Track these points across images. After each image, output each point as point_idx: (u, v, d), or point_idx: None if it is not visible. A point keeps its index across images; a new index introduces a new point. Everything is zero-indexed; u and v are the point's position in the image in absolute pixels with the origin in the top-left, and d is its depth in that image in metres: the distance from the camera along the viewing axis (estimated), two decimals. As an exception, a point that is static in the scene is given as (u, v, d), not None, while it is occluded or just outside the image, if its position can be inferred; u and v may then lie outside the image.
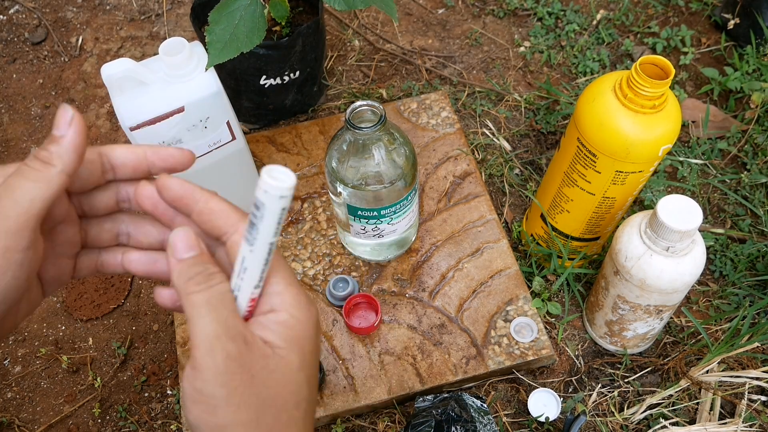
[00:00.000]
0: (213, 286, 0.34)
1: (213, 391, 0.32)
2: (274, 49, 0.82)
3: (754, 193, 0.87)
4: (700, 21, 1.08)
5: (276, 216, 0.33)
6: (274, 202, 0.33)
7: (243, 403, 0.32)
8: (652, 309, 0.66)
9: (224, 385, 0.32)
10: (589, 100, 0.63)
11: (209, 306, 0.33)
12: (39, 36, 1.12)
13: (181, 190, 0.38)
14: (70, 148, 0.36)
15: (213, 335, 0.32)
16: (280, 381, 0.33)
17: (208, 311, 0.33)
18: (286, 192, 0.33)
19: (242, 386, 0.32)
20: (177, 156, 0.41)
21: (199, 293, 0.33)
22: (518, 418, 0.73)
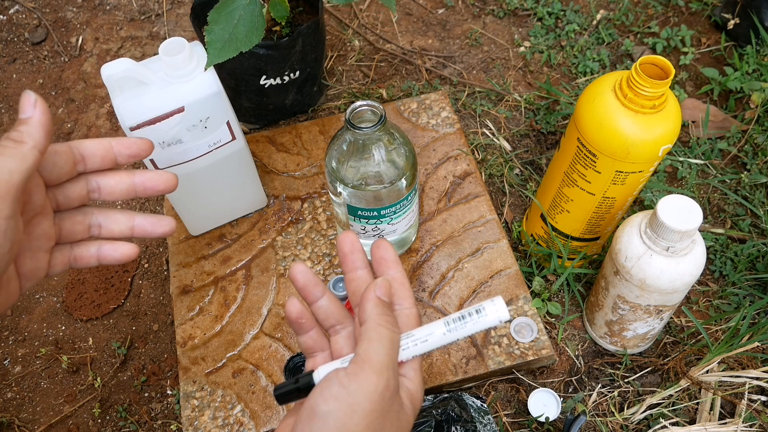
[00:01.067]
0: (395, 333, 0.40)
1: (362, 401, 0.37)
2: (274, 49, 0.82)
3: (754, 193, 0.87)
4: (700, 21, 1.08)
5: (484, 326, 0.41)
6: (493, 319, 0.41)
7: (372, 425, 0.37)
8: (652, 309, 0.66)
9: (372, 402, 0.37)
10: (589, 100, 0.63)
11: (392, 343, 0.39)
12: (39, 36, 1.12)
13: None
14: (38, 126, 0.40)
15: (386, 365, 0.38)
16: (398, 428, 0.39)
17: (390, 347, 0.39)
18: (503, 319, 0.40)
19: (380, 412, 0.37)
20: (138, 143, 0.46)
21: (388, 330, 0.40)
22: (518, 418, 0.73)
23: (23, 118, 0.41)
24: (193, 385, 0.73)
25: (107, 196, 0.47)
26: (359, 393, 0.37)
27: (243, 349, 0.75)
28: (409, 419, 0.40)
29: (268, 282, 0.79)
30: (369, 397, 0.37)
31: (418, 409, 0.41)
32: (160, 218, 0.48)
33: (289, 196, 0.86)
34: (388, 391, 0.38)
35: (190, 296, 0.79)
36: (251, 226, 0.84)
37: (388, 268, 0.44)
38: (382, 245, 0.44)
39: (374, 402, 0.37)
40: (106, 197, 0.47)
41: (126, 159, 0.46)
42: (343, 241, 0.44)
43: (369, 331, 0.39)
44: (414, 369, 0.42)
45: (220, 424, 0.70)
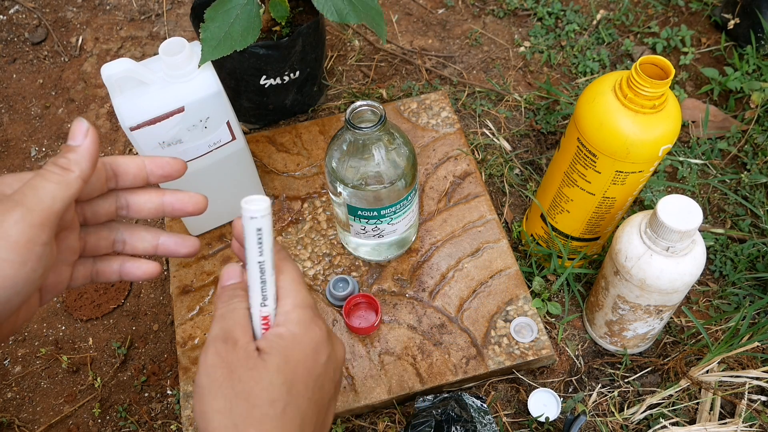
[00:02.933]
0: (231, 303, 0.41)
1: (201, 380, 0.38)
2: (274, 49, 0.82)
3: (754, 193, 0.87)
4: (700, 21, 1.08)
5: (253, 237, 0.39)
6: (248, 223, 0.38)
7: (220, 393, 0.37)
8: (652, 309, 0.66)
9: (208, 376, 0.38)
10: (589, 100, 0.63)
11: (221, 316, 0.40)
12: (39, 36, 1.12)
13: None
14: (86, 156, 0.40)
15: (212, 337, 0.39)
16: (254, 377, 0.37)
17: (219, 320, 0.40)
18: (255, 214, 0.38)
19: (221, 378, 0.37)
20: (172, 164, 0.46)
21: (219, 309, 0.41)
22: (518, 418, 0.73)
23: (72, 145, 0.40)
24: (194, 384, 0.73)
25: (135, 213, 0.46)
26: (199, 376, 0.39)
27: (243, 349, 0.75)
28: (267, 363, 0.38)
29: (268, 282, 0.79)
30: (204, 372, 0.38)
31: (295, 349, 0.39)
32: (185, 238, 0.48)
33: (289, 196, 0.86)
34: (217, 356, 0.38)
35: (190, 296, 0.79)
36: (251, 226, 0.83)
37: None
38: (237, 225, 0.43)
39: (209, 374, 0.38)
40: (134, 215, 0.46)
41: (158, 179, 0.46)
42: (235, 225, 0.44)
43: None
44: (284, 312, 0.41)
45: (220, 424, 0.70)
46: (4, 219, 0.35)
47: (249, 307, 0.41)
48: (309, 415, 0.39)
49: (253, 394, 0.37)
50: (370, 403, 0.71)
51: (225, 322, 0.40)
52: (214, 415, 0.37)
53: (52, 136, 1.01)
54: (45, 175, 0.38)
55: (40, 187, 0.37)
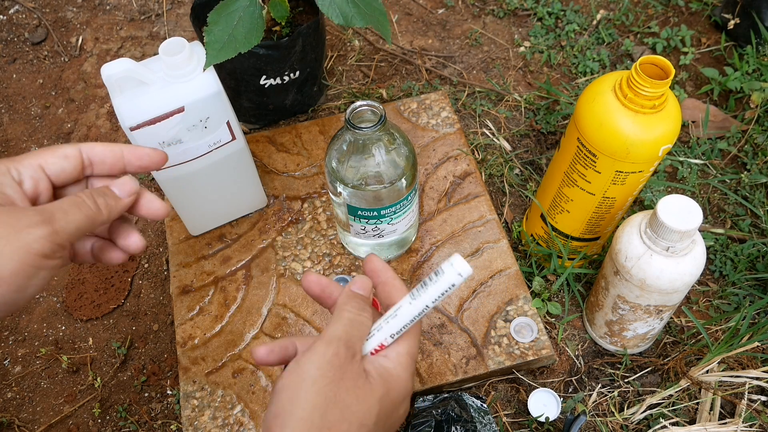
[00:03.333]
0: (361, 315, 0.43)
1: (310, 369, 0.39)
2: (274, 49, 0.82)
3: (754, 193, 0.87)
4: (700, 21, 1.08)
5: (446, 285, 0.41)
6: (452, 275, 0.40)
7: (323, 391, 0.38)
8: (652, 309, 0.66)
9: (320, 369, 0.39)
10: (589, 100, 0.63)
11: (349, 323, 0.42)
12: (39, 36, 1.12)
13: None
14: (120, 210, 0.44)
15: (337, 336, 0.40)
16: (359, 396, 0.39)
17: (346, 323, 0.41)
18: (465, 273, 0.40)
19: (330, 379, 0.39)
20: (152, 155, 0.47)
21: (349, 312, 0.42)
22: (518, 418, 0.73)
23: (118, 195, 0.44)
24: (193, 385, 0.73)
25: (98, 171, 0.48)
26: (308, 363, 0.39)
27: (243, 349, 0.75)
28: (374, 390, 0.40)
29: (268, 282, 0.79)
30: (316, 364, 0.39)
31: (395, 389, 0.42)
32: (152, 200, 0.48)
33: (289, 196, 0.86)
34: (337, 359, 0.39)
35: (190, 296, 0.79)
36: (251, 226, 0.84)
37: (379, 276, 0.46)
38: (371, 260, 0.46)
39: (322, 368, 0.39)
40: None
41: (135, 169, 0.47)
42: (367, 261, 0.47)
43: (333, 315, 0.43)
44: (397, 351, 0.43)
45: (220, 424, 0.70)
46: (30, 231, 0.37)
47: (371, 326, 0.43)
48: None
49: (351, 410, 0.39)
50: (370, 403, 0.71)
51: (352, 330, 0.41)
52: (307, 406, 0.38)
53: (52, 136, 1.01)
54: (79, 206, 0.41)
55: (71, 215, 0.40)
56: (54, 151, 0.44)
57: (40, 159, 0.43)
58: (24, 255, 0.37)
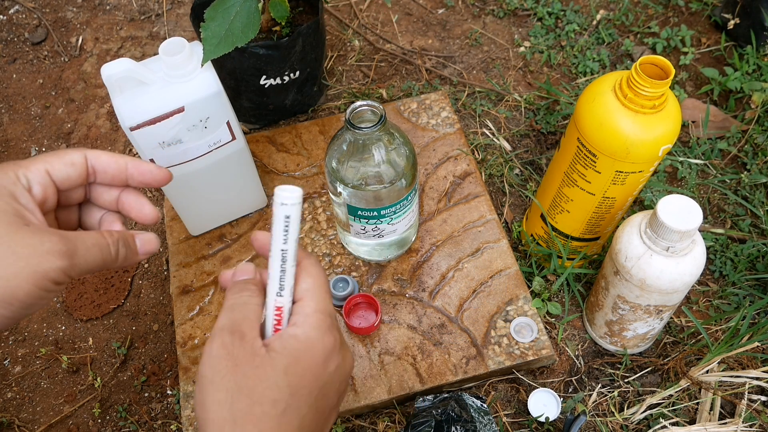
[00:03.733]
0: (242, 296, 0.41)
1: (204, 370, 0.38)
2: (274, 49, 0.82)
3: (754, 193, 0.87)
4: (700, 21, 1.08)
5: (280, 223, 0.39)
6: (277, 209, 0.39)
7: (222, 385, 0.37)
8: (652, 309, 0.66)
9: (212, 367, 0.38)
10: (589, 100, 0.63)
11: (230, 307, 0.40)
12: (39, 36, 1.12)
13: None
14: (132, 261, 0.45)
15: (218, 328, 0.39)
16: (260, 375, 0.38)
17: (227, 311, 0.40)
18: (286, 200, 0.38)
19: (224, 370, 0.37)
20: (155, 173, 0.47)
21: (228, 299, 0.41)
22: (518, 418, 0.73)
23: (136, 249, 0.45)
24: (194, 385, 0.73)
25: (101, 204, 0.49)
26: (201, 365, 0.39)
27: (243, 349, 0.75)
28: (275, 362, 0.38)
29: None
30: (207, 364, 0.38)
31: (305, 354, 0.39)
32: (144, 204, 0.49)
33: (289, 196, 0.86)
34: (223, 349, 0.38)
35: (190, 296, 0.79)
36: (251, 226, 0.84)
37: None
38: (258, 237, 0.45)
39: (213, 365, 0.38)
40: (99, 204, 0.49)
41: (137, 184, 0.47)
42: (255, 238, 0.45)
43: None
44: (304, 314, 0.41)
45: (220, 424, 0.70)
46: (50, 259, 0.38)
47: (261, 303, 0.41)
48: (308, 420, 0.39)
49: (257, 391, 0.37)
50: (370, 403, 0.71)
51: (233, 314, 0.40)
52: (214, 406, 0.37)
53: (52, 136, 1.01)
54: (102, 249, 0.42)
55: (92, 255, 0.41)
56: (61, 157, 0.44)
57: (47, 165, 0.43)
58: (40, 280, 0.38)
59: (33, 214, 0.41)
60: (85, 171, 0.45)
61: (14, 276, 0.37)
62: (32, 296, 0.38)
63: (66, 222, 0.48)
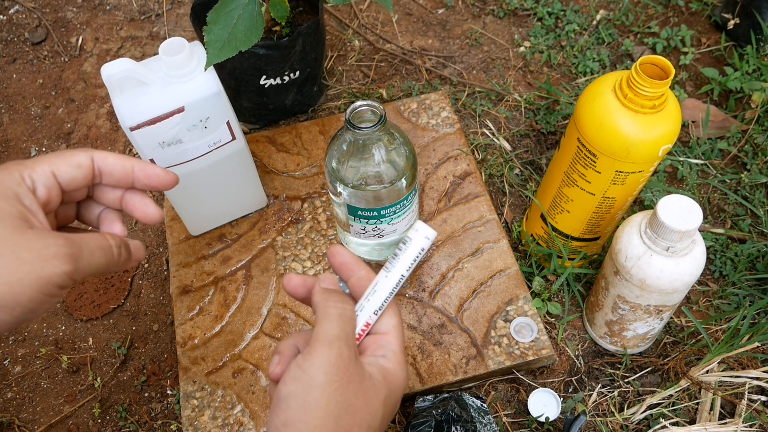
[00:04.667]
0: (346, 308, 0.42)
1: (317, 374, 0.38)
2: (274, 49, 0.82)
3: (754, 193, 0.87)
4: (700, 21, 1.08)
5: (416, 251, 0.42)
6: (420, 239, 0.42)
7: (333, 396, 0.38)
8: (652, 309, 0.66)
9: (327, 374, 0.38)
10: (589, 100, 0.63)
11: (341, 318, 0.41)
12: (39, 36, 1.12)
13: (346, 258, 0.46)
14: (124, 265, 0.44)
15: (336, 336, 0.39)
16: (366, 400, 0.39)
17: (339, 320, 0.40)
18: (431, 236, 0.42)
19: (339, 383, 0.38)
20: (161, 177, 0.46)
21: (335, 307, 0.41)
22: (518, 418, 0.73)
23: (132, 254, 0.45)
24: (193, 385, 0.73)
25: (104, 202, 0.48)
26: (313, 368, 0.38)
27: (243, 349, 0.75)
28: (379, 391, 0.40)
29: (268, 282, 0.79)
30: (323, 369, 0.38)
31: (396, 390, 0.42)
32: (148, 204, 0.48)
33: (289, 196, 0.86)
34: (341, 361, 0.39)
35: (190, 296, 0.79)
36: (251, 226, 0.84)
37: (351, 270, 0.45)
38: (337, 252, 0.45)
39: (329, 373, 0.38)
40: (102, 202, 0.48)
41: (143, 186, 0.47)
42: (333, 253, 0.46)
43: (318, 315, 0.41)
44: (392, 350, 0.43)
45: (220, 424, 0.70)
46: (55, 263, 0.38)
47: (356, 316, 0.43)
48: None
49: (360, 414, 0.39)
50: (370, 403, 0.71)
51: (346, 327, 0.40)
52: (320, 413, 0.37)
53: (52, 136, 1.01)
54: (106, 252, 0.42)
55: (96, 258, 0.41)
56: (67, 159, 0.43)
57: (53, 166, 0.42)
58: (44, 285, 0.38)
59: (36, 216, 0.40)
60: (91, 173, 0.44)
61: (18, 281, 0.37)
62: (35, 301, 0.38)
63: (64, 216, 0.47)
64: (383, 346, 0.42)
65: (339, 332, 0.40)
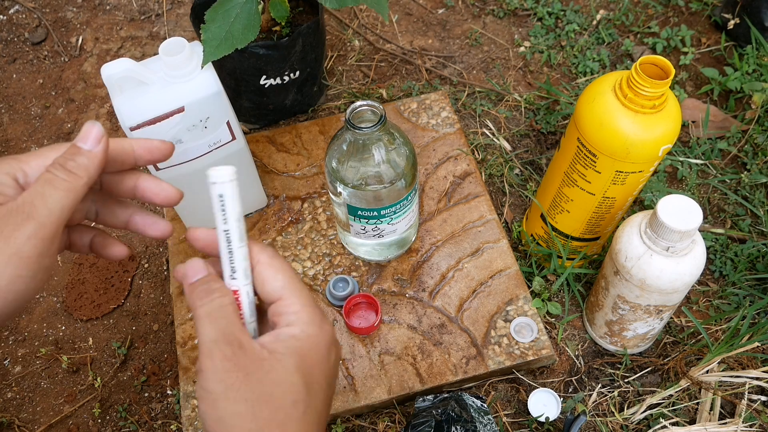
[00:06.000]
0: (213, 300, 0.38)
1: (213, 387, 0.36)
2: (274, 49, 0.82)
3: (754, 193, 0.87)
4: (700, 21, 1.08)
5: (216, 203, 0.38)
6: (210, 189, 0.38)
7: (239, 397, 0.36)
8: (652, 309, 0.66)
9: (221, 382, 0.36)
10: (589, 100, 0.63)
11: (209, 317, 0.38)
12: (39, 36, 1.12)
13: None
14: (96, 164, 0.39)
15: (211, 340, 0.37)
16: (275, 380, 0.37)
17: (209, 321, 0.37)
18: (216, 179, 0.38)
19: (237, 382, 0.36)
20: (161, 148, 0.44)
21: (201, 307, 0.38)
22: (518, 418, 0.73)
23: (83, 148, 0.39)
24: (194, 385, 0.73)
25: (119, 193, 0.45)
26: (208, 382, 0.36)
27: (243, 349, 0.75)
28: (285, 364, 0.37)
29: (268, 282, 0.79)
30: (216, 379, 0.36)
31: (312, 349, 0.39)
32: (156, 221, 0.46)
33: (289, 196, 0.86)
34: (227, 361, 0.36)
35: (190, 296, 0.79)
36: (251, 226, 0.84)
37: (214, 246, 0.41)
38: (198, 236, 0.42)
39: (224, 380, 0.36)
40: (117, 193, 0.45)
41: (145, 163, 0.44)
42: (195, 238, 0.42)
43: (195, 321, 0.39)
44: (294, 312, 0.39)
45: (220, 424, 0.70)
46: (17, 234, 0.35)
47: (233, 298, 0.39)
48: (323, 413, 0.39)
49: (275, 396, 0.36)
50: (370, 403, 0.71)
51: (218, 323, 0.37)
52: (235, 419, 0.36)
53: (52, 136, 1.01)
54: (54, 182, 0.37)
55: (49, 196, 0.37)
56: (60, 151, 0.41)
57: (48, 161, 0.40)
58: (17, 261, 0.35)
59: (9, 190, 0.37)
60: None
61: None
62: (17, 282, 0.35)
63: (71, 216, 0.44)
64: (284, 314, 0.39)
65: (213, 334, 0.37)
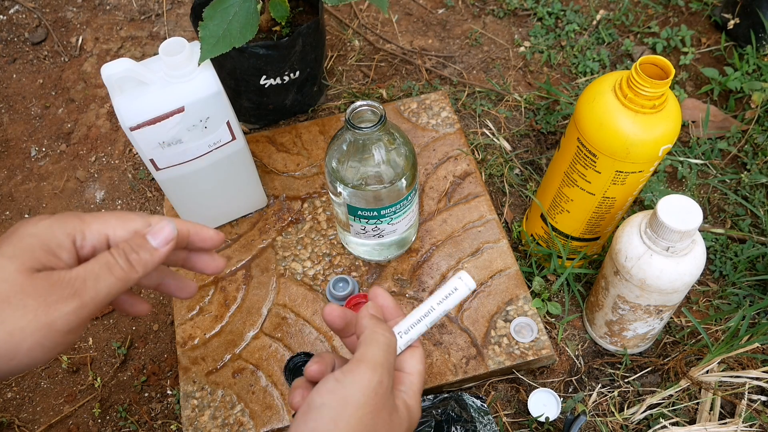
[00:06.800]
0: (393, 339, 0.43)
1: (355, 393, 0.39)
2: (274, 49, 0.82)
3: (754, 193, 0.87)
4: (700, 21, 1.08)
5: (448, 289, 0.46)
6: (454, 280, 0.46)
7: (364, 419, 0.39)
8: (652, 309, 0.66)
9: (364, 396, 0.39)
10: (589, 100, 0.63)
11: (388, 347, 0.42)
12: (39, 36, 1.12)
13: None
14: (157, 262, 0.41)
15: (380, 363, 0.41)
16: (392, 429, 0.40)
17: (386, 349, 0.42)
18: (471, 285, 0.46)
19: (372, 407, 0.39)
20: (214, 238, 0.46)
21: (382, 335, 0.42)
22: (518, 418, 0.73)
23: (151, 244, 0.40)
24: (193, 385, 0.73)
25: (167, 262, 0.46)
26: (353, 386, 0.39)
27: (243, 349, 0.75)
28: (402, 424, 0.41)
29: (268, 282, 0.79)
30: (362, 391, 0.39)
31: (413, 424, 0.43)
32: (185, 284, 0.48)
33: (289, 196, 0.86)
34: (381, 388, 0.40)
35: (190, 296, 0.79)
36: (251, 226, 0.84)
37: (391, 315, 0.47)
38: (379, 295, 0.47)
39: (367, 396, 0.39)
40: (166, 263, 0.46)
41: (196, 250, 0.46)
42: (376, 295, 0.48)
43: (365, 337, 0.42)
44: (414, 390, 0.44)
45: (220, 424, 0.70)
46: (59, 307, 0.36)
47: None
48: None
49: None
50: (370, 403, 0.71)
51: (389, 355, 0.42)
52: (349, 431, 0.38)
53: (52, 136, 1.01)
54: (112, 268, 0.38)
55: (103, 281, 0.38)
56: (124, 223, 0.41)
57: (109, 229, 0.40)
58: (46, 332, 0.36)
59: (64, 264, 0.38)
60: None
61: (20, 330, 0.35)
62: (36, 350, 0.36)
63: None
64: (406, 384, 0.44)
65: (384, 360, 0.41)
